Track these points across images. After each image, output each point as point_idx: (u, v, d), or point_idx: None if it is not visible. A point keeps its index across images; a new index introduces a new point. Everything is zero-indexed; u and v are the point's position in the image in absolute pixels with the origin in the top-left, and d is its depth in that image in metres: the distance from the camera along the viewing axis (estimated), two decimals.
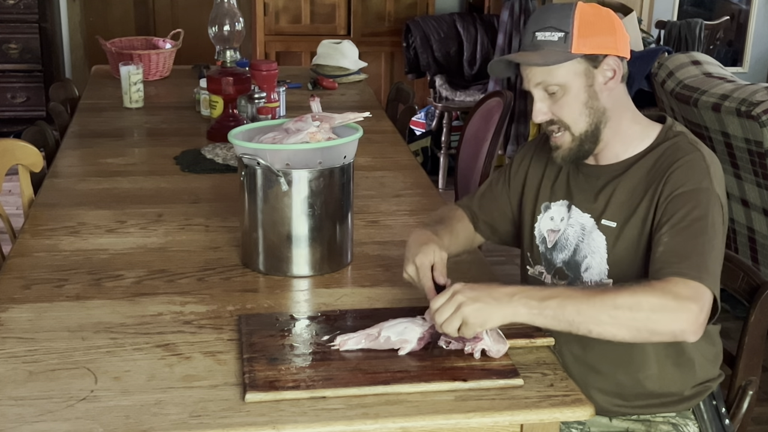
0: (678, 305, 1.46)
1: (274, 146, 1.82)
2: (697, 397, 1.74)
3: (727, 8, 6.20)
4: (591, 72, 1.65)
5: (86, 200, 2.34)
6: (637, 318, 1.45)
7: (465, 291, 1.49)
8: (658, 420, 1.73)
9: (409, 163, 2.76)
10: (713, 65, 3.57)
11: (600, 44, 1.64)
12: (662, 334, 1.48)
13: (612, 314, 1.46)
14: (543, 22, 1.65)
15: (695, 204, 1.57)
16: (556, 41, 1.63)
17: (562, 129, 1.68)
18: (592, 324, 1.46)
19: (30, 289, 1.81)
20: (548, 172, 1.82)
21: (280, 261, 1.89)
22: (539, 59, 1.63)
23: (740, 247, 3.43)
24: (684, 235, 1.55)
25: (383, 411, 1.40)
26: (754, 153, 3.13)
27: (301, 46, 5.30)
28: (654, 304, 1.46)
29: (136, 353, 1.56)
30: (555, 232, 1.77)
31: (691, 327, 1.46)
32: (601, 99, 1.66)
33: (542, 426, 1.44)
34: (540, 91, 1.67)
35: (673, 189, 1.60)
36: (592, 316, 1.46)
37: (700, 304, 1.47)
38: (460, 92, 5.07)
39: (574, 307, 1.46)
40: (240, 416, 1.38)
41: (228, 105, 2.89)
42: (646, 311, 1.45)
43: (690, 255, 1.52)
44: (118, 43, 3.78)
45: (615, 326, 1.46)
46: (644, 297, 1.46)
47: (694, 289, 1.48)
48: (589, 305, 1.46)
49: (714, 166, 1.64)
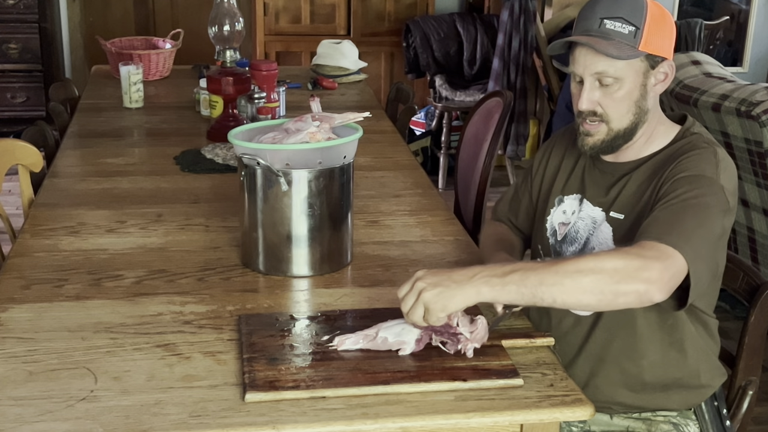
0: (641, 264, 1.42)
1: (274, 146, 1.82)
2: (704, 391, 1.73)
3: (727, 8, 6.20)
4: (648, 72, 1.65)
5: (86, 200, 2.34)
6: (600, 279, 1.42)
7: (425, 277, 1.47)
8: (658, 419, 1.74)
9: (409, 163, 2.76)
10: (713, 65, 3.57)
11: (662, 46, 1.64)
12: (626, 293, 1.43)
13: (575, 278, 1.42)
14: (614, 10, 1.62)
15: (694, 187, 1.56)
16: (626, 34, 1.61)
17: (601, 120, 1.67)
18: (556, 292, 1.43)
19: (30, 289, 1.81)
20: (564, 165, 1.83)
21: (280, 261, 1.89)
22: (613, 50, 1.60)
23: (740, 247, 3.43)
24: (672, 210, 1.54)
25: (383, 411, 1.40)
26: (754, 153, 3.13)
27: (301, 46, 5.30)
28: (617, 264, 1.42)
29: (136, 353, 1.56)
30: (566, 225, 1.78)
31: (654, 285, 1.42)
32: (648, 100, 1.67)
33: (542, 426, 1.44)
34: (594, 80, 1.65)
35: (677, 173, 1.60)
36: (555, 284, 1.42)
37: (665, 264, 1.43)
38: (460, 92, 5.08)
39: (536, 278, 1.43)
40: (240, 416, 1.38)
41: (228, 105, 2.89)
42: (608, 272, 1.42)
43: (671, 225, 1.50)
44: (118, 43, 3.78)
45: (579, 291, 1.43)
46: (607, 259, 1.44)
47: (662, 251, 1.45)
48: (551, 273, 1.43)
49: (725, 162, 1.63)
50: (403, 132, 3.18)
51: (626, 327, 1.69)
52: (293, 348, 1.56)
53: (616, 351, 1.71)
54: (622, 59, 1.61)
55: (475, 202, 2.81)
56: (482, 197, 2.80)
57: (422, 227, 2.21)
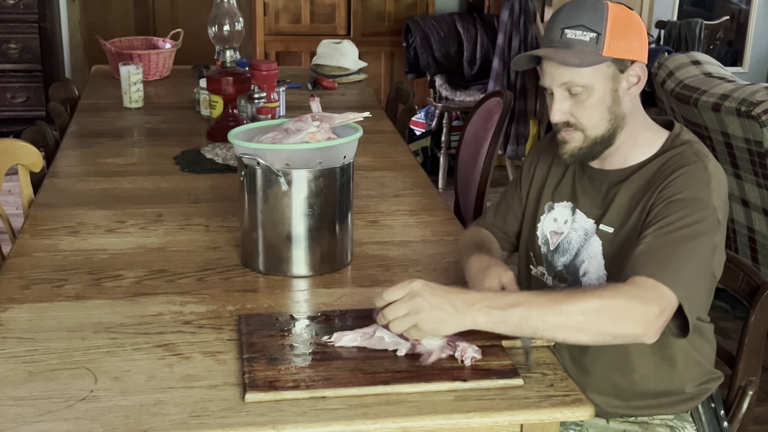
0: (641, 308, 1.44)
1: (274, 146, 1.82)
2: (697, 399, 1.74)
3: (727, 8, 6.20)
4: (618, 76, 1.62)
5: (86, 200, 2.34)
6: (603, 323, 1.44)
7: (425, 295, 1.44)
8: (655, 422, 1.73)
9: (409, 163, 2.76)
10: (713, 65, 3.57)
11: (629, 49, 1.61)
12: (624, 336, 1.46)
13: (578, 320, 1.43)
14: (575, 19, 1.60)
15: (688, 212, 1.54)
16: (587, 41, 1.59)
17: (575, 129, 1.66)
18: (558, 332, 1.45)
19: (30, 289, 1.81)
20: (553, 171, 1.81)
21: (280, 261, 1.89)
22: (573, 59, 1.59)
23: (740, 247, 3.43)
24: (666, 239, 1.53)
25: (383, 411, 1.40)
26: (754, 153, 3.13)
27: (301, 46, 5.30)
28: (620, 306, 1.44)
29: (135, 353, 1.56)
30: (558, 235, 1.77)
31: (647, 330, 1.45)
32: (622, 104, 1.64)
33: (542, 426, 1.44)
34: (562, 91, 1.63)
35: (670, 195, 1.58)
36: (559, 324, 1.44)
37: (662, 307, 1.46)
38: (460, 92, 5.08)
39: (539, 315, 1.43)
40: (240, 416, 1.38)
41: (228, 105, 2.89)
42: (611, 315, 1.44)
43: (664, 259, 1.50)
44: (118, 43, 3.78)
45: (580, 332, 1.45)
46: (610, 300, 1.44)
47: (659, 292, 1.46)
48: (554, 313, 1.43)
49: (716, 178, 1.60)
50: (403, 132, 3.18)
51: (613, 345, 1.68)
52: (293, 348, 1.56)
53: (607, 365, 1.70)
54: (584, 66, 1.59)
55: (475, 202, 2.81)
56: (482, 197, 2.80)
57: (422, 227, 2.21)
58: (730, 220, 3.42)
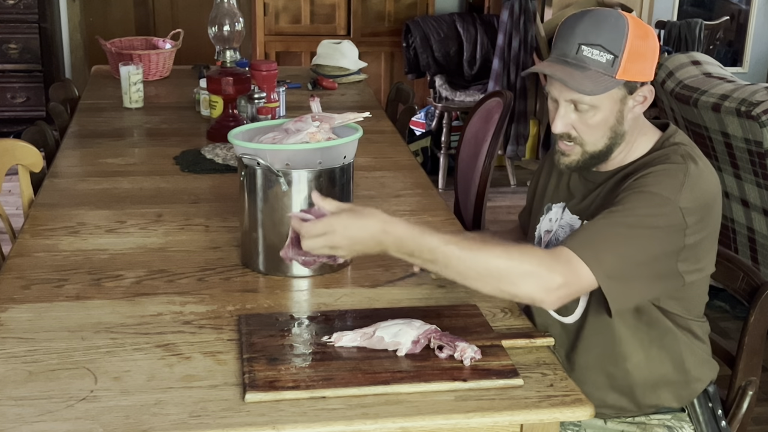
0: (545, 274, 1.46)
1: (274, 146, 1.82)
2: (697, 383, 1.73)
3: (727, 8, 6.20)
4: (626, 98, 1.61)
5: (86, 200, 2.34)
6: (503, 281, 1.47)
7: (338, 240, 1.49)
8: (653, 422, 1.73)
9: (409, 163, 2.76)
10: (713, 65, 3.57)
11: (642, 71, 1.59)
12: (521, 297, 1.50)
13: (480, 272, 1.47)
14: (593, 36, 1.56)
15: (643, 205, 1.53)
16: (603, 63, 1.56)
17: (575, 143, 1.66)
18: (462, 277, 1.48)
19: (30, 289, 1.81)
20: (555, 173, 1.83)
21: (280, 261, 1.88)
22: (587, 85, 1.55)
23: (740, 247, 3.43)
24: (607, 221, 1.53)
25: (383, 411, 1.40)
26: (754, 153, 3.13)
27: (301, 46, 5.30)
28: (524, 271, 1.46)
29: (136, 353, 1.56)
30: (549, 233, 1.78)
31: (546, 296, 1.47)
32: (625, 123, 1.63)
33: (542, 426, 1.44)
34: (569, 104, 1.62)
35: (636, 186, 1.57)
36: (461, 271, 1.47)
37: (565, 279, 1.47)
38: (460, 92, 5.08)
39: (444, 261, 1.47)
40: (240, 416, 1.38)
41: (228, 105, 2.89)
42: (513, 277, 1.46)
43: (596, 238, 1.51)
44: (118, 44, 3.78)
45: (482, 282, 1.48)
46: (518, 263, 1.46)
47: (570, 265, 1.48)
48: (461, 261, 1.46)
49: (695, 181, 1.56)
50: (403, 132, 3.18)
51: (605, 333, 1.68)
52: (293, 348, 1.56)
53: (600, 357, 1.71)
54: (597, 94, 1.57)
55: (475, 202, 2.81)
56: (482, 197, 2.80)
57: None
58: (731, 220, 3.42)
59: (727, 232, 3.47)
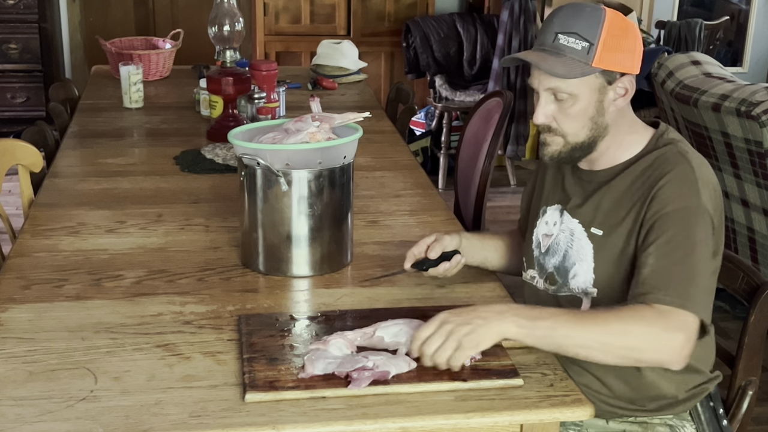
0: (666, 336, 1.48)
1: (274, 146, 1.82)
2: (693, 399, 1.74)
3: (727, 8, 6.20)
4: (605, 88, 1.63)
5: (86, 200, 2.34)
6: (626, 347, 1.48)
7: (452, 318, 1.48)
8: (655, 422, 1.73)
9: (409, 163, 2.76)
10: (713, 65, 3.57)
11: (620, 61, 1.61)
12: (648, 362, 1.53)
13: (601, 341, 1.47)
14: (569, 25, 1.60)
15: (682, 225, 1.56)
16: (578, 50, 1.59)
17: (557, 134, 1.67)
18: (581, 348, 1.48)
19: (30, 289, 1.81)
20: (549, 175, 1.83)
21: (280, 261, 1.89)
22: (561, 69, 1.58)
23: (740, 247, 3.43)
24: (670, 259, 1.55)
25: (383, 411, 1.40)
26: (754, 153, 3.13)
27: (301, 46, 5.30)
28: (644, 333, 1.48)
29: (136, 353, 1.56)
30: (548, 237, 1.78)
31: (676, 357, 1.49)
32: (606, 115, 1.65)
33: (542, 426, 1.44)
34: (548, 95, 1.64)
35: (661, 207, 1.58)
36: (582, 342, 1.48)
37: (687, 334, 1.50)
38: (460, 92, 5.08)
39: (564, 331, 1.47)
40: (240, 416, 1.38)
41: (228, 105, 2.89)
42: (634, 341, 1.48)
43: (675, 280, 1.53)
44: (118, 43, 3.78)
45: (603, 353, 1.49)
46: (634, 326, 1.48)
47: (681, 319, 1.50)
48: (579, 330, 1.47)
49: (703, 177, 1.61)
50: (403, 132, 3.18)
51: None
52: (293, 348, 1.56)
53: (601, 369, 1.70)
54: (570, 78, 1.59)
55: (475, 202, 2.81)
56: (482, 197, 2.80)
57: (422, 227, 2.21)
58: (730, 220, 3.42)
59: (727, 232, 3.47)
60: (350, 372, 1.45)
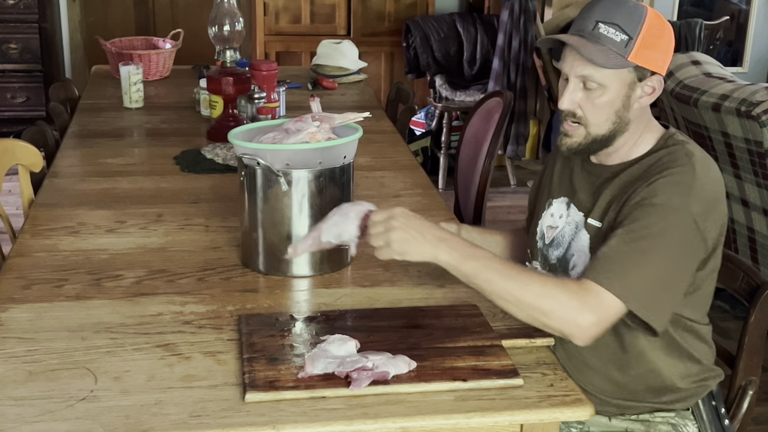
0: (578, 311, 1.49)
1: (274, 146, 1.82)
2: (695, 395, 1.73)
3: (727, 8, 6.20)
4: (635, 84, 1.63)
5: (86, 200, 2.34)
6: (537, 309, 1.50)
7: (401, 217, 1.54)
8: (657, 420, 1.73)
9: (409, 163, 2.76)
10: (713, 65, 3.57)
11: (654, 60, 1.62)
12: (553, 329, 1.52)
13: (517, 297, 1.50)
14: (611, 16, 1.60)
15: (657, 220, 1.55)
16: (617, 42, 1.59)
17: (579, 123, 1.67)
18: (497, 297, 1.52)
19: (30, 289, 1.81)
20: (557, 168, 1.83)
21: (280, 261, 1.89)
22: (599, 57, 1.58)
23: (740, 247, 3.43)
24: (629, 246, 1.54)
25: (383, 411, 1.40)
26: (754, 153, 3.13)
27: (301, 46, 5.30)
28: (558, 302, 1.49)
29: (136, 353, 1.56)
30: (553, 229, 1.78)
31: (579, 334, 1.50)
32: (630, 111, 1.65)
33: (542, 426, 1.44)
34: (578, 82, 1.64)
35: (646, 196, 1.58)
36: (500, 293, 1.51)
37: (601, 316, 1.50)
38: (460, 92, 5.08)
39: (488, 276, 1.51)
40: (240, 416, 1.38)
41: (228, 105, 2.89)
42: (547, 305, 1.49)
43: (619, 264, 1.52)
44: (118, 43, 3.78)
45: (516, 307, 1.51)
46: (552, 292, 1.49)
47: (602, 300, 1.50)
48: (501, 281, 1.51)
49: (702, 181, 1.59)
50: (403, 132, 3.18)
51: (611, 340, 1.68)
52: (293, 348, 1.56)
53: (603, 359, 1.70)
54: (607, 68, 1.60)
55: (475, 202, 2.81)
56: (482, 197, 2.80)
57: None
58: (731, 220, 3.42)
59: (727, 232, 3.45)
60: (350, 372, 1.45)
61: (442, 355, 1.54)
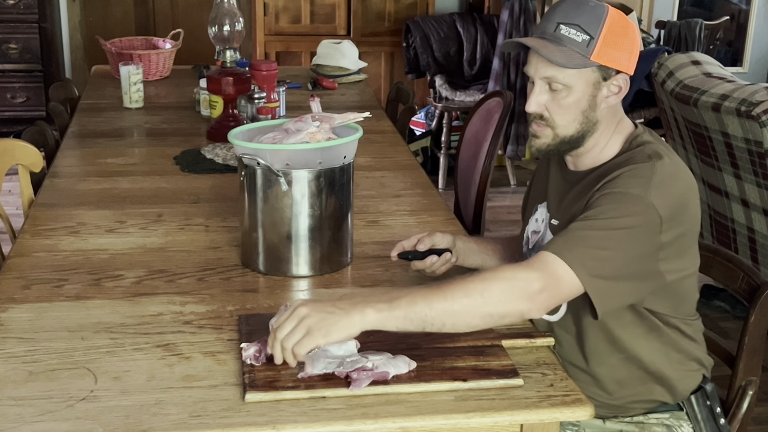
0: (522, 277, 1.47)
1: (274, 146, 1.82)
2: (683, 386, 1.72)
3: (727, 8, 6.20)
4: (600, 83, 1.63)
5: (86, 200, 2.34)
6: (487, 302, 1.46)
7: (308, 304, 1.45)
8: (651, 422, 1.73)
9: (409, 163, 2.76)
10: (713, 65, 3.57)
11: (618, 59, 1.62)
12: (510, 314, 1.49)
13: (465, 303, 1.45)
14: (572, 17, 1.61)
15: (615, 206, 1.55)
16: (579, 42, 1.60)
17: (547, 125, 1.67)
18: (446, 316, 1.45)
19: (30, 289, 1.81)
20: (542, 174, 1.85)
21: (280, 261, 1.89)
22: (560, 57, 1.59)
23: (740, 247, 3.43)
24: (584, 225, 1.54)
25: (383, 411, 1.40)
26: (754, 153, 3.13)
27: (301, 46, 5.30)
28: (501, 284, 1.47)
29: (136, 353, 1.56)
30: (536, 234, 1.80)
31: (531, 304, 1.48)
32: (597, 111, 1.65)
33: (542, 426, 1.44)
34: (543, 84, 1.65)
35: (607, 188, 1.59)
36: (445, 309, 1.45)
37: (544, 283, 1.48)
38: (460, 92, 5.08)
39: (425, 303, 1.44)
40: (240, 416, 1.38)
41: (228, 105, 2.89)
42: (494, 294, 1.46)
43: (575, 241, 1.52)
44: (118, 43, 3.78)
45: (468, 315, 1.46)
46: (494, 281, 1.47)
47: (548, 267, 1.49)
48: (439, 298, 1.44)
49: (660, 178, 1.57)
50: (403, 132, 3.18)
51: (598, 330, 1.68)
52: None
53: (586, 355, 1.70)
54: (568, 68, 1.60)
55: (475, 202, 2.81)
56: (482, 197, 2.80)
57: (422, 227, 2.20)
58: (731, 220, 3.42)
59: (727, 232, 3.47)
60: (350, 372, 1.45)
61: (442, 355, 1.54)
